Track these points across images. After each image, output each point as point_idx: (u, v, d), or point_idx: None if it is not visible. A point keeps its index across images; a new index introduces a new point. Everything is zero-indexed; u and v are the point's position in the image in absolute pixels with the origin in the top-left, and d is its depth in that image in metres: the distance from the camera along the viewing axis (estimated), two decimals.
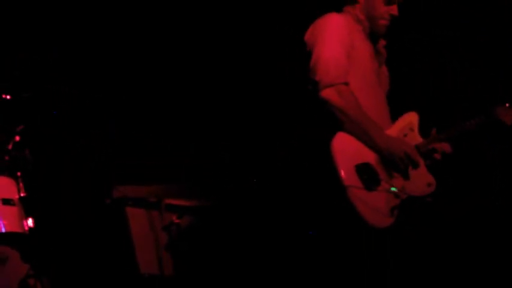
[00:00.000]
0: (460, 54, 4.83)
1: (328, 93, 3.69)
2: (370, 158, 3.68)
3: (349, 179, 3.55)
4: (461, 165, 4.13)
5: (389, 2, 3.92)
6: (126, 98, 5.67)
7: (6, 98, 4.57)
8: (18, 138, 4.50)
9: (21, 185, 4.42)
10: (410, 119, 3.89)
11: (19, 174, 4.44)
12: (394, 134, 3.81)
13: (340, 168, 3.55)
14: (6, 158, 4.48)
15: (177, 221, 4.80)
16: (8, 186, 4.40)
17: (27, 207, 4.38)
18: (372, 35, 3.98)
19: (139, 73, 5.72)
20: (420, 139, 3.83)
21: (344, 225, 3.66)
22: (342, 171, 3.55)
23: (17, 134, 4.51)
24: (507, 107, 3.74)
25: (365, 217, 3.51)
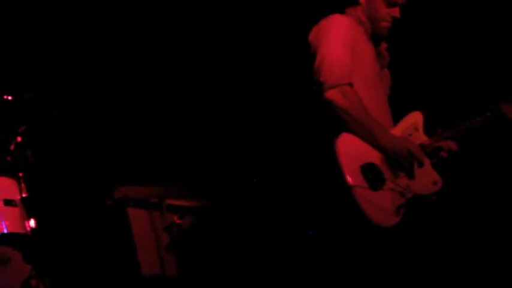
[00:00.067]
0: (460, 54, 4.83)
1: (332, 94, 3.70)
2: (375, 158, 3.68)
3: (354, 179, 3.55)
4: (467, 163, 4.12)
5: (391, 4, 3.93)
6: (126, 98, 5.67)
7: (7, 99, 4.57)
8: (20, 139, 4.51)
9: (23, 185, 4.43)
10: (415, 118, 3.90)
11: (21, 174, 4.45)
12: (399, 134, 3.82)
13: (344, 168, 3.55)
14: (8, 158, 4.49)
15: (178, 221, 4.80)
16: (10, 187, 4.41)
17: (29, 208, 4.39)
18: (374, 37, 3.99)
19: (139, 73, 5.72)
20: (425, 138, 3.84)
21: (346, 226, 3.67)
22: (346, 172, 3.55)
23: (18, 134, 4.51)
24: None
25: (370, 216, 3.51)
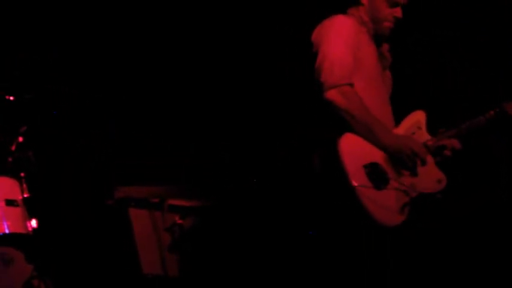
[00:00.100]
0: (460, 54, 4.84)
1: (332, 94, 3.69)
2: (378, 157, 3.68)
3: (358, 179, 3.55)
4: (470, 160, 4.12)
5: (393, 4, 3.92)
6: (126, 98, 5.67)
7: (8, 99, 4.57)
8: (21, 139, 4.51)
9: (24, 185, 4.43)
10: (418, 117, 3.90)
11: (22, 175, 4.45)
12: (402, 133, 3.82)
13: (348, 168, 3.55)
14: (10, 159, 4.49)
15: (179, 221, 4.80)
16: (12, 187, 4.42)
17: (31, 208, 4.39)
18: (376, 37, 3.99)
19: (139, 73, 5.72)
20: (429, 137, 3.84)
21: (348, 225, 3.67)
22: (350, 172, 3.54)
23: (20, 134, 4.51)
24: None
25: (375, 216, 3.51)
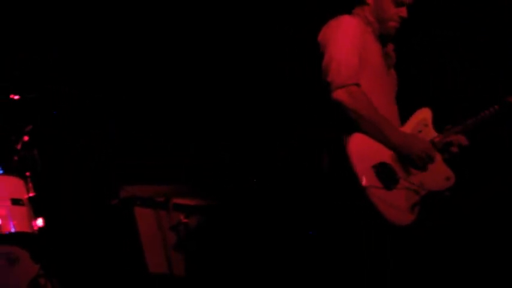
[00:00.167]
0: (460, 54, 4.87)
1: (339, 94, 3.69)
2: (387, 156, 3.69)
3: (368, 179, 3.55)
4: (477, 155, 4.14)
5: (398, 4, 3.93)
6: (126, 98, 5.67)
7: (12, 99, 4.57)
8: (27, 138, 4.51)
9: (30, 185, 4.43)
10: (424, 115, 3.91)
11: (28, 174, 4.45)
12: (409, 131, 3.83)
13: (357, 169, 3.55)
14: (15, 158, 4.49)
15: (185, 220, 4.81)
16: (17, 186, 4.41)
17: (36, 207, 4.39)
18: (381, 37, 3.99)
19: (139, 73, 5.73)
20: (435, 134, 3.86)
21: (355, 225, 3.68)
22: (360, 172, 3.55)
23: (25, 134, 4.51)
24: None
25: (386, 216, 3.52)
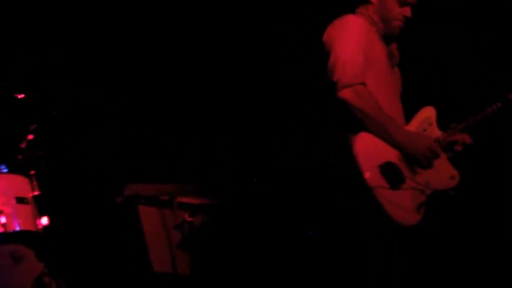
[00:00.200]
0: (462, 53, 4.88)
1: (345, 94, 3.70)
2: (392, 156, 3.69)
3: (375, 179, 3.55)
4: (480, 153, 4.16)
5: (403, 4, 3.95)
6: (126, 98, 5.68)
7: (17, 97, 4.58)
8: (31, 137, 4.51)
9: (34, 183, 4.43)
10: (428, 113, 3.92)
11: (32, 172, 4.45)
12: (413, 130, 3.85)
13: (364, 169, 3.56)
14: (20, 156, 4.49)
15: (189, 219, 4.81)
16: (22, 185, 4.42)
17: (41, 206, 4.39)
18: (386, 37, 4.01)
19: (139, 73, 5.73)
20: (439, 133, 3.86)
21: (359, 225, 3.70)
22: (366, 172, 3.55)
23: (30, 132, 4.51)
24: None
25: (393, 216, 3.52)
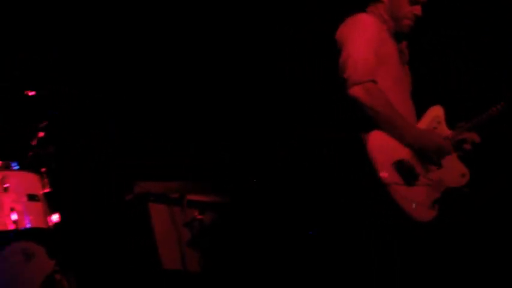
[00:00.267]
0: (464, 54, 4.95)
1: (356, 91, 3.75)
2: (405, 153, 3.74)
3: (390, 176, 3.61)
4: (484, 151, 4.22)
5: (413, 2, 4.01)
6: (126, 98, 5.68)
7: (29, 94, 4.58)
8: (42, 134, 4.50)
9: (45, 180, 4.43)
10: (436, 112, 3.99)
11: (43, 170, 4.45)
12: (424, 128, 3.91)
13: (379, 167, 3.61)
14: (30, 154, 4.48)
15: (199, 216, 4.81)
16: (33, 182, 4.41)
17: (52, 203, 4.39)
18: (396, 35, 4.06)
19: (139, 73, 5.74)
20: (448, 131, 3.94)
21: (372, 223, 3.74)
22: (381, 170, 3.61)
23: (41, 130, 4.51)
24: None
25: (410, 213, 3.58)
